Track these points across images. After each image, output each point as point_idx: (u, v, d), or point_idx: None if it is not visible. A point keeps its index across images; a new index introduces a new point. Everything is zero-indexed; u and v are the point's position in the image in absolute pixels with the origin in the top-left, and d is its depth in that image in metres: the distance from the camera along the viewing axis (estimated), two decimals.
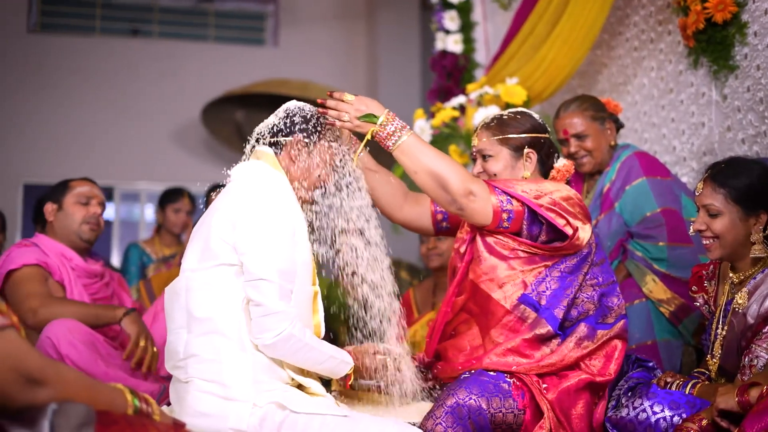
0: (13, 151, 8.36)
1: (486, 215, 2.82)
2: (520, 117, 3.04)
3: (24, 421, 1.64)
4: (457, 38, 5.83)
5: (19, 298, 3.61)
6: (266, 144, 2.82)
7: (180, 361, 2.68)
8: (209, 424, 2.56)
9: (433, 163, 2.79)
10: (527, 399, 2.75)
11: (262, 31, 9.45)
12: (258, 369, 2.62)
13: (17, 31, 8.66)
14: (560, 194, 2.86)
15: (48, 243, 3.83)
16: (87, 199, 3.88)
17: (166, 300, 2.80)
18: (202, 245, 2.70)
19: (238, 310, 2.63)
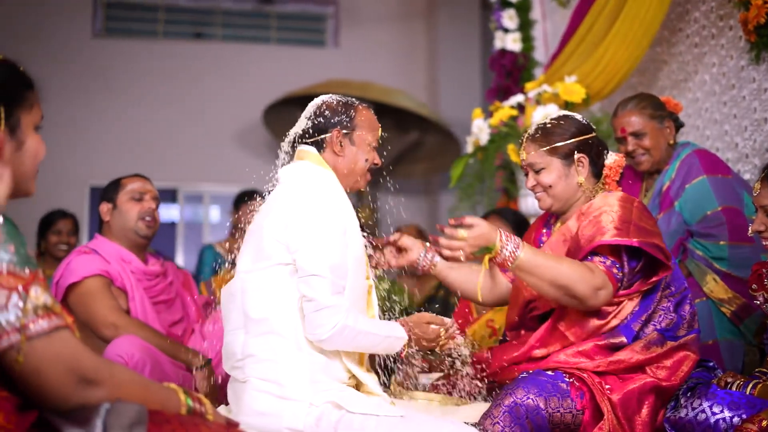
0: (80, 153, 8.51)
1: (611, 296, 2.80)
2: (563, 123, 3.01)
3: (77, 420, 1.67)
4: (515, 37, 5.80)
5: (92, 312, 3.62)
6: (307, 144, 2.87)
7: (238, 361, 2.72)
8: (266, 423, 2.60)
9: (554, 274, 2.75)
10: (586, 399, 2.72)
11: (322, 32, 9.50)
12: (315, 369, 2.65)
13: (82, 37, 8.83)
14: (637, 214, 2.85)
15: (106, 246, 3.81)
16: (140, 195, 3.86)
17: (223, 301, 2.84)
18: (255, 247, 2.74)
19: (294, 311, 2.66)
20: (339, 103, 2.88)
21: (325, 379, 2.67)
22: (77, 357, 1.68)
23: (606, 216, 2.83)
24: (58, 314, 1.68)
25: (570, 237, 2.94)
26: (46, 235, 5.79)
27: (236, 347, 2.73)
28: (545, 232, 3.22)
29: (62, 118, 8.57)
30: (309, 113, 2.89)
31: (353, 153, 2.85)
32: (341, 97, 2.91)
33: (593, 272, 2.76)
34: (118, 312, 3.62)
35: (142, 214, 3.83)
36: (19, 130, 1.84)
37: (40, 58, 8.58)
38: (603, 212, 2.85)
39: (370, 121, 2.91)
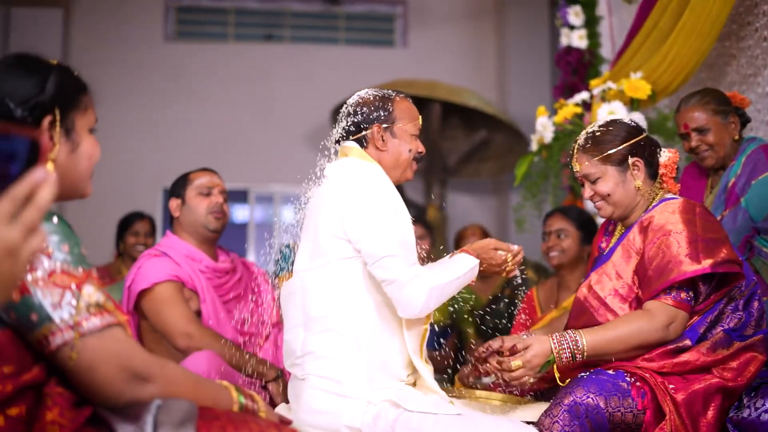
0: (153, 156, 8.67)
1: (686, 320, 2.80)
2: (612, 128, 2.98)
3: (129, 416, 1.71)
4: (581, 33, 5.75)
5: (164, 320, 3.62)
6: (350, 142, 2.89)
7: (297, 358, 2.75)
8: (324, 421, 2.62)
9: (623, 344, 2.76)
10: (648, 399, 2.69)
11: (391, 32, 9.52)
12: (373, 367, 2.67)
13: (154, 40, 8.99)
14: (701, 226, 2.81)
15: (177, 246, 3.82)
16: (208, 189, 3.84)
17: (283, 299, 2.88)
18: (311, 245, 2.77)
19: (353, 308, 2.69)
20: (376, 97, 2.90)
21: (383, 377, 2.69)
22: (129, 354, 1.72)
23: (673, 241, 2.79)
24: (111, 312, 1.72)
25: (635, 252, 2.91)
26: (125, 237, 5.91)
27: (296, 345, 2.77)
28: (605, 239, 3.20)
29: (135, 121, 8.74)
30: (348, 111, 2.92)
31: (396, 145, 2.87)
32: (377, 91, 2.93)
33: (654, 316, 2.76)
34: (190, 321, 3.61)
35: (211, 208, 3.82)
36: (74, 133, 1.89)
37: (113, 62, 8.78)
38: (668, 234, 2.81)
39: (409, 110, 2.92)
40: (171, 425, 1.67)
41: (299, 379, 2.73)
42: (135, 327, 3.77)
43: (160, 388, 1.76)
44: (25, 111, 1.82)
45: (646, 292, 2.84)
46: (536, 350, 2.76)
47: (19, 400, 1.66)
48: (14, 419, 1.64)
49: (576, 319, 3.04)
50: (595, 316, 2.93)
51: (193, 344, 3.53)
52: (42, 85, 1.85)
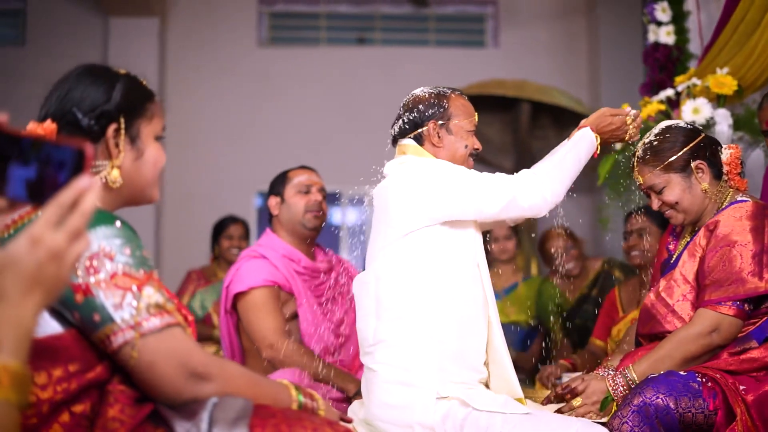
0: (247, 160, 8.80)
1: (735, 326, 2.78)
2: (669, 135, 2.95)
3: (187, 413, 1.77)
4: (669, 29, 5.64)
5: (254, 327, 3.68)
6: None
7: (369, 347, 2.78)
8: (396, 416, 2.64)
9: (671, 359, 2.79)
10: (719, 400, 2.65)
11: (482, 33, 9.49)
12: (445, 357, 2.68)
13: (248, 46, 9.12)
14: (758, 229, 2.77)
15: (275, 245, 3.85)
16: (307, 188, 3.87)
17: (356, 290, 2.91)
18: (381, 237, 2.80)
19: (427, 296, 2.70)
20: (431, 95, 2.93)
21: (455, 369, 2.70)
22: (188, 353, 1.78)
23: (736, 254, 2.76)
24: (171, 312, 1.79)
25: (700, 255, 2.88)
26: (219, 240, 6.06)
27: (368, 333, 2.80)
28: (671, 240, 3.16)
29: (229, 126, 8.89)
30: (404, 109, 2.95)
31: (452, 142, 2.90)
32: (433, 89, 2.96)
33: (694, 324, 2.79)
34: (277, 332, 3.63)
35: (309, 206, 3.84)
36: (139, 140, 1.96)
37: (208, 68, 8.95)
38: (732, 245, 2.78)
39: (465, 107, 2.95)
40: (225, 422, 1.72)
41: (371, 371, 2.75)
42: (233, 326, 3.84)
43: (219, 387, 1.81)
44: (91, 119, 1.90)
45: (700, 299, 2.81)
46: (594, 389, 2.81)
47: (84, 397, 1.74)
48: (79, 416, 1.72)
49: (644, 325, 3.02)
50: (663, 323, 2.91)
51: (276, 356, 3.58)
52: (108, 94, 1.93)
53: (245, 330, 3.75)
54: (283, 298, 3.76)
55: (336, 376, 3.56)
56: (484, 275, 2.81)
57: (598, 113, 2.98)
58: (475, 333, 2.76)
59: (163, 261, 8.57)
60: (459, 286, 2.74)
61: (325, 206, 3.92)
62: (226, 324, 3.85)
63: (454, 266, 2.75)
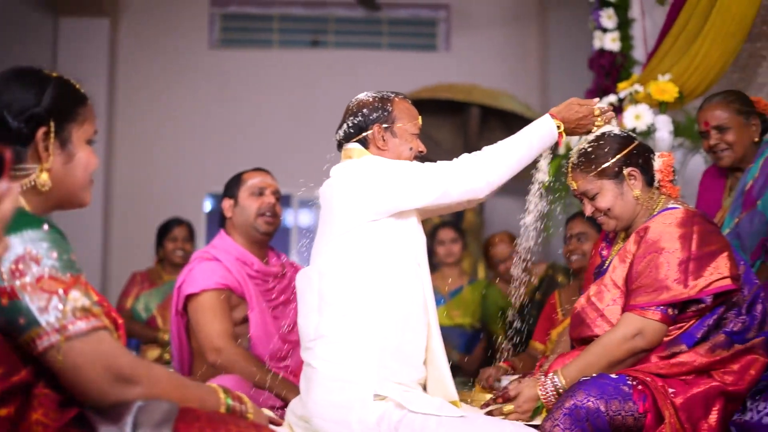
0: (198, 162, 8.76)
1: (659, 331, 2.82)
2: (603, 142, 2.98)
3: (112, 417, 1.77)
4: (614, 36, 5.72)
5: (202, 330, 3.64)
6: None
7: (310, 341, 2.79)
8: (334, 414, 2.65)
9: (597, 365, 2.81)
10: (649, 403, 2.69)
11: (434, 37, 9.53)
12: (384, 354, 2.70)
13: (199, 47, 9.09)
14: (697, 240, 2.82)
15: (228, 247, 3.81)
16: (260, 190, 3.81)
17: (299, 285, 2.91)
18: (326, 234, 2.83)
19: (368, 294, 2.73)
20: (375, 99, 2.96)
21: (394, 366, 2.72)
22: (114, 356, 1.78)
23: (663, 262, 2.80)
24: (97, 316, 1.79)
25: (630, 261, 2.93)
26: (164, 242, 6.02)
27: (309, 328, 2.80)
28: (604, 245, 3.21)
29: (180, 128, 8.86)
30: (348, 114, 2.98)
31: (396, 145, 2.93)
32: (377, 93, 2.99)
33: (618, 328, 2.83)
34: (223, 336, 3.60)
35: (262, 210, 3.79)
36: (70, 144, 1.96)
37: (159, 70, 8.92)
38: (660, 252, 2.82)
39: (409, 110, 2.98)
40: (149, 426, 1.73)
41: (311, 367, 2.76)
42: (184, 327, 3.82)
43: (145, 390, 1.82)
44: (20, 122, 1.90)
45: (626, 303, 2.86)
46: (526, 396, 2.83)
47: (8, 400, 1.73)
48: (2, 419, 1.72)
49: (574, 329, 3.07)
50: (592, 327, 2.95)
51: (220, 360, 3.56)
52: (39, 98, 1.93)
53: (193, 332, 3.74)
54: (234, 301, 3.74)
55: (279, 385, 3.52)
56: (425, 276, 2.83)
57: (566, 102, 3.03)
58: (414, 331, 2.78)
59: (112, 263, 8.52)
60: (399, 284, 2.76)
61: (278, 209, 3.88)
62: (177, 325, 3.82)
63: (395, 264, 2.77)
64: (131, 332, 5.49)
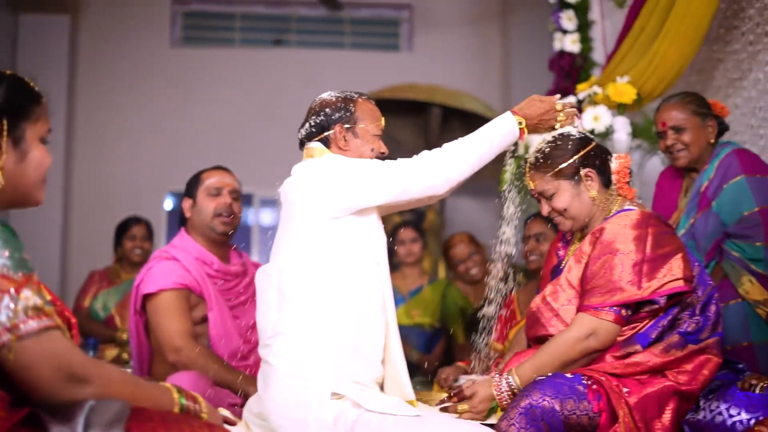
0: (159, 160, 8.72)
1: (612, 331, 2.84)
2: (561, 143, 3.00)
3: (64, 416, 1.76)
4: (574, 38, 5.76)
5: (161, 329, 3.63)
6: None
7: (268, 338, 2.79)
8: (291, 412, 2.65)
9: (551, 365, 2.83)
10: (603, 402, 2.71)
11: (396, 36, 9.54)
12: (342, 352, 2.70)
13: (161, 46, 9.04)
14: (651, 242, 2.84)
15: (188, 247, 3.79)
16: (217, 190, 3.78)
17: (258, 282, 2.91)
18: (287, 231, 2.83)
19: (327, 292, 2.73)
20: (338, 99, 2.97)
21: (351, 364, 2.72)
22: (66, 355, 1.77)
23: (617, 263, 2.83)
24: (49, 315, 1.78)
25: (585, 261, 2.95)
26: (122, 241, 5.98)
27: (268, 325, 2.81)
28: (561, 246, 3.23)
29: (141, 126, 8.80)
30: (311, 113, 2.98)
31: (358, 146, 2.94)
32: (340, 93, 2.99)
33: (571, 329, 2.86)
34: (182, 335, 3.59)
35: (218, 210, 3.77)
36: (24, 142, 1.94)
37: (120, 68, 8.84)
38: (614, 253, 2.84)
39: (372, 111, 2.99)
40: (101, 425, 1.72)
41: (268, 365, 2.76)
42: (143, 326, 3.80)
43: (98, 389, 1.81)
44: None
45: (580, 303, 2.88)
46: (481, 396, 2.85)
47: None
48: None
49: (530, 328, 3.09)
50: (547, 326, 2.98)
51: (180, 360, 3.54)
52: None
53: (152, 332, 3.72)
54: (193, 301, 3.72)
55: (241, 381, 3.52)
56: (384, 274, 2.84)
57: (527, 99, 3.06)
58: (372, 329, 2.78)
59: (71, 261, 8.44)
60: (358, 282, 2.77)
61: (236, 208, 3.85)
62: (135, 324, 3.80)
63: (354, 262, 2.78)
64: (90, 331, 5.45)
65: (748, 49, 4.69)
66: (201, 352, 3.57)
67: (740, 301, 3.55)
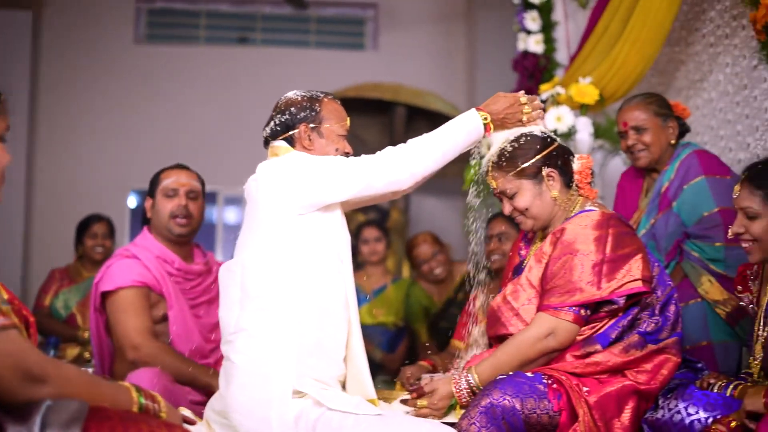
0: (122, 158, 8.66)
1: (571, 331, 2.86)
2: (523, 142, 3.00)
3: (21, 416, 1.75)
4: (538, 38, 5.78)
5: (119, 327, 3.60)
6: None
7: (230, 335, 2.78)
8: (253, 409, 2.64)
9: (509, 364, 2.84)
10: (564, 401, 2.72)
11: (362, 35, 9.54)
12: (303, 349, 2.69)
13: (125, 43, 8.97)
14: (611, 243, 2.86)
15: (150, 246, 3.76)
16: (173, 191, 3.74)
17: (221, 277, 2.90)
18: (251, 228, 2.83)
19: (290, 290, 2.72)
20: (304, 98, 2.96)
21: (313, 362, 2.71)
22: (23, 355, 1.76)
23: (577, 263, 2.85)
24: (6, 314, 1.76)
25: (546, 261, 2.97)
26: (83, 239, 5.94)
27: (230, 321, 2.80)
28: (523, 246, 3.24)
29: (105, 124, 8.74)
30: (276, 112, 2.97)
31: (323, 146, 2.93)
32: (306, 92, 2.99)
33: (530, 327, 2.88)
34: (141, 332, 3.57)
35: (174, 212, 3.73)
36: None
37: (83, 64, 8.77)
38: (575, 254, 2.86)
39: (337, 111, 2.99)
40: (58, 425, 1.70)
41: (230, 362, 2.75)
42: (103, 324, 3.77)
43: (56, 389, 1.79)
44: None
45: (540, 303, 2.90)
46: (441, 394, 2.87)
47: None
48: None
49: (491, 327, 3.11)
50: (507, 325, 2.99)
51: (140, 357, 3.51)
52: None
53: (112, 329, 3.70)
54: (153, 299, 3.69)
55: (202, 374, 3.53)
56: (347, 273, 2.84)
57: (492, 97, 3.04)
58: (334, 327, 2.78)
59: (33, 259, 8.37)
60: (321, 280, 2.76)
61: (194, 209, 3.79)
62: (96, 322, 3.77)
63: (317, 259, 2.77)
64: (51, 330, 5.41)
65: (708, 51, 4.73)
66: (161, 348, 3.56)
67: (700, 301, 3.59)
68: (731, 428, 2.50)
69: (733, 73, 4.48)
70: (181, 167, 3.88)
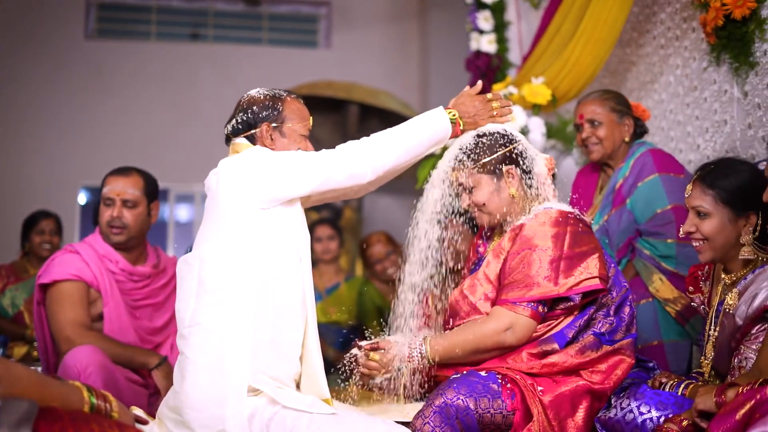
0: (72, 154, 8.60)
1: (529, 327, 2.87)
2: (486, 138, 3.01)
3: None
4: (491, 38, 5.80)
5: (54, 320, 3.61)
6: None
7: (185, 328, 2.75)
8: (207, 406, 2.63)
9: (462, 348, 2.86)
10: (518, 400, 2.73)
11: (315, 33, 9.54)
12: (259, 346, 2.68)
13: (75, 38, 8.90)
14: (569, 240, 2.88)
15: (96, 244, 3.76)
16: (110, 201, 3.72)
17: (179, 270, 2.88)
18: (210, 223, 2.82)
19: (247, 285, 2.71)
20: (266, 96, 2.94)
21: (268, 358, 2.70)
22: None
23: (535, 259, 2.86)
24: None
25: (504, 257, 2.98)
26: (30, 235, 5.88)
27: (186, 314, 2.77)
28: (481, 243, 3.25)
29: (55, 120, 8.66)
30: (238, 109, 2.95)
31: (284, 145, 2.92)
32: (269, 91, 2.97)
33: (490, 320, 2.89)
34: (74, 325, 3.58)
35: (109, 222, 3.73)
36: None
37: (33, 60, 8.69)
38: (533, 249, 2.87)
39: (300, 111, 2.98)
40: (8, 426, 1.68)
41: (185, 357, 2.72)
42: (45, 318, 3.73)
43: (5, 389, 1.76)
44: None
45: (498, 297, 2.91)
46: (393, 353, 2.87)
47: None
48: None
49: (448, 321, 3.11)
50: (465, 319, 3.00)
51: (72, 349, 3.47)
52: None
53: (49, 323, 3.68)
54: (93, 296, 3.70)
55: (136, 353, 3.60)
56: (306, 271, 2.83)
57: (458, 96, 3.08)
58: (290, 325, 2.77)
59: None
60: (279, 277, 2.75)
61: (129, 218, 3.74)
62: (38, 316, 3.76)
63: (276, 256, 2.76)
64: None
65: (659, 53, 4.78)
66: (95, 337, 3.57)
67: (651, 301, 3.64)
68: (683, 427, 2.52)
69: (683, 75, 4.52)
70: (124, 172, 3.83)
